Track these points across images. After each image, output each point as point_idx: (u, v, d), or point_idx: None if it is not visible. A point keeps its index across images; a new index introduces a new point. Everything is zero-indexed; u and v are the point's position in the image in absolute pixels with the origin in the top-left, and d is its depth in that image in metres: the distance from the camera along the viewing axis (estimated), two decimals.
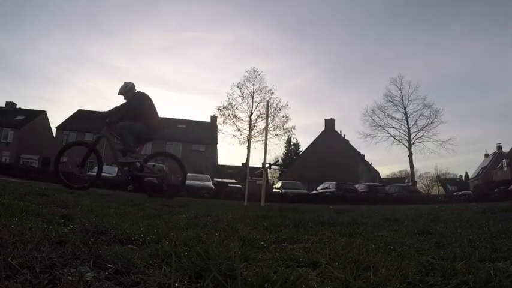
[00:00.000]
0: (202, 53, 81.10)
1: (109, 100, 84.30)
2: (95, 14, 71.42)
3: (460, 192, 32.65)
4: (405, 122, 35.12)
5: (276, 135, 31.94)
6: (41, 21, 71.22)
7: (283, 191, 20.80)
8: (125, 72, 78.81)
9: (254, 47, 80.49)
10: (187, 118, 42.01)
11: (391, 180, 61.66)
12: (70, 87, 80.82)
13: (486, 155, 59.98)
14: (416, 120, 34.58)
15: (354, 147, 42.64)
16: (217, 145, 39.51)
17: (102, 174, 21.04)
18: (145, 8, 77.83)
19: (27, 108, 41.32)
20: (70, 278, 0.87)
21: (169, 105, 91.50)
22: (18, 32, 68.66)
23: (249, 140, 31.03)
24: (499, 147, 55.28)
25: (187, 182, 19.27)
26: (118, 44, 78.63)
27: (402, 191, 22.88)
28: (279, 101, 33.23)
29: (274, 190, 23.34)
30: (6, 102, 41.30)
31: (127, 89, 5.90)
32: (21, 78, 75.90)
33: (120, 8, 75.62)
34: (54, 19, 72.55)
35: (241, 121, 32.73)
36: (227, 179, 32.99)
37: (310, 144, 42.63)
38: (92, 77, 78.65)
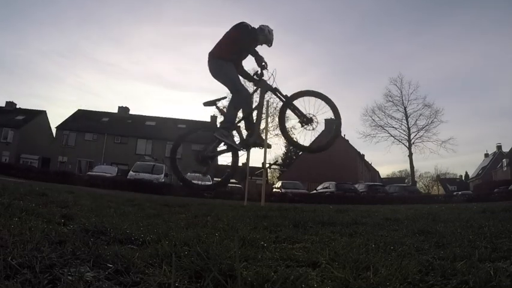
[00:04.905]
0: (200, 50, 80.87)
1: (102, 98, 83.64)
2: (89, 10, 70.89)
3: (460, 192, 32.61)
4: (405, 122, 35.15)
5: (276, 135, 31.89)
6: (33, 17, 70.72)
7: (283, 190, 20.79)
8: (120, 69, 78.52)
9: None
10: (187, 118, 41.99)
11: (391, 180, 61.63)
12: (65, 86, 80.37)
13: (486, 155, 59.96)
14: (416, 120, 34.61)
15: (354, 147, 42.63)
16: None
17: (102, 174, 20.71)
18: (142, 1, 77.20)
19: (27, 108, 41.34)
20: (70, 278, 0.87)
21: (169, 105, 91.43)
22: (11, 29, 68.18)
23: None
24: (499, 147, 55.25)
25: None
26: (113, 40, 78.28)
27: (402, 191, 22.87)
28: (279, 101, 33.18)
29: (274, 190, 23.33)
30: (6, 102, 41.31)
31: None
32: (14, 76, 75.39)
33: (115, 3, 75.18)
34: (45, 13, 71.90)
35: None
36: None
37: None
38: (88, 75, 78.26)
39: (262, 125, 4.84)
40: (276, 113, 32.35)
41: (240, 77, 4.46)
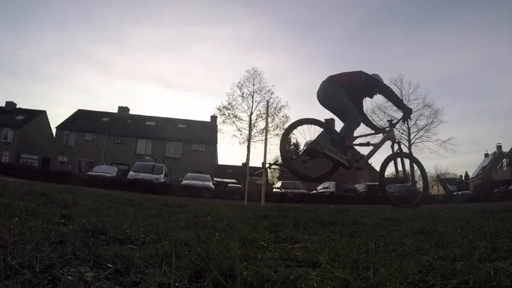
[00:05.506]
0: (200, 50, 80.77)
1: (102, 98, 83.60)
2: (89, 9, 70.67)
3: (460, 192, 32.63)
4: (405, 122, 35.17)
5: (276, 135, 31.83)
6: (33, 17, 70.57)
7: (283, 190, 20.80)
8: (120, 68, 78.39)
9: (254, 45, 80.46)
10: (187, 118, 41.98)
11: (391, 180, 61.48)
12: (65, 86, 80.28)
13: (486, 155, 59.94)
14: (416, 120, 34.59)
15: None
16: (217, 145, 39.51)
17: (102, 174, 20.72)
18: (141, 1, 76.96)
19: (27, 108, 41.36)
20: (70, 278, 0.87)
21: (169, 105, 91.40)
22: (10, 29, 68.02)
23: (249, 140, 31.00)
24: (499, 147, 55.23)
25: (187, 181, 19.19)
26: (112, 39, 78.20)
27: (402, 191, 22.86)
28: (279, 101, 33.30)
29: (274, 190, 23.35)
30: (6, 102, 41.33)
31: None
32: (14, 76, 75.28)
33: (115, 2, 74.98)
34: (45, 13, 71.69)
35: (241, 121, 32.76)
36: (227, 178, 33.01)
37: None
38: (86, 75, 78.22)
39: (263, 125, 4.92)
40: (276, 113, 32.49)
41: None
